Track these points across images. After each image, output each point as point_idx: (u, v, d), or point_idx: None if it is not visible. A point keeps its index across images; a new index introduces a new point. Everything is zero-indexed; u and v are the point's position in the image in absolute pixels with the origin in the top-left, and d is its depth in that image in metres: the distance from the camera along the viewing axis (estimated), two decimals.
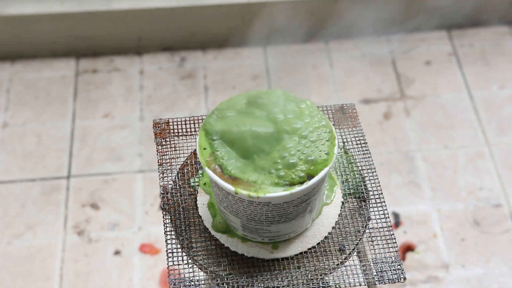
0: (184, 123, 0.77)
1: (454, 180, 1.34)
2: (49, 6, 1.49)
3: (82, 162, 1.37)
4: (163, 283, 1.20)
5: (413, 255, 1.24)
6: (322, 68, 1.53)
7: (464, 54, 1.56)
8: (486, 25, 1.62)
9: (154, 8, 1.49)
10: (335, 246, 0.68)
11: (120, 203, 1.31)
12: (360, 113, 1.41)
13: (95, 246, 1.25)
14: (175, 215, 0.70)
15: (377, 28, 1.58)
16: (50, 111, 1.45)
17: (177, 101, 1.47)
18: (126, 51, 1.56)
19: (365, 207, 0.71)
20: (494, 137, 1.41)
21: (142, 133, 1.42)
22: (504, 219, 1.28)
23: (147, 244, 1.25)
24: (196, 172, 0.73)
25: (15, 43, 1.53)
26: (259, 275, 0.66)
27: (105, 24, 1.51)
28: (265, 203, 0.61)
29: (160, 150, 0.75)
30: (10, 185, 1.33)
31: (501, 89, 1.49)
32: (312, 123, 0.63)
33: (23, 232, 1.27)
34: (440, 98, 1.48)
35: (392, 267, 0.67)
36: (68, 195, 1.32)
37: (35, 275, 1.21)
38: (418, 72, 1.52)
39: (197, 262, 0.67)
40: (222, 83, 1.50)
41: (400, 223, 1.28)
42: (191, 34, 1.55)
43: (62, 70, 1.53)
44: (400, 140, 1.40)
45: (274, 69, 1.53)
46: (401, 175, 1.35)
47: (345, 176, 0.73)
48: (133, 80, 1.51)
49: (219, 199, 0.65)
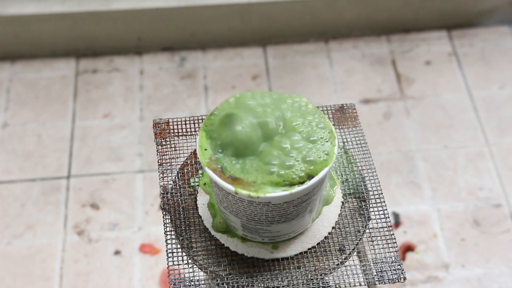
0: (184, 123, 0.77)
1: (454, 180, 1.34)
2: (49, 6, 1.49)
3: (82, 162, 1.37)
4: (163, 283, 1.20)
5: (413, 255, 1.24)
6: (322, 68, 1.53)
7: (464, 54, 1.56)
8: (486, 25, 1.62)
9: (154, 8, 1.49)
10: (335, 246, 0.68)
11: (120, 203, 1.31)
12: (360, 113, 1.41)
13: (95, 246, 1.25)
14: (175, 215, 0.70)
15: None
16: (50, 111, 1.45)
17: (177, 101, 1.47)
18: (126, 51, 1.56)
19: (365, 207, 0.71)
20: (494, 137, 1.41)
21: (142, 133, 1.42)
22: (504, 219, 1.28)
23: (147, 244, 1.25)
24: (196, 172, 0.73)
25: (15, 43, 1.53)
26: (259, 275, 0.66)
27: (105, 24, 1.51)
28: (265, 203, 0.61)
29: (160, 150, 0.75)
30: (10, 185, 1.33)
31: (501, 89, 1.49)
32: (312, 123, 0.63)
33: (23, 232, 1.27)
34: (440, 98, 1.48)
35: (392, 267, 0.67)
36: (68, 195, 1.32)
37: (35, 275, 1.21)
38: (418, 72, 1.52)
39: (197, 262, 0.67)
40: (222, 83, 1.50)
41: (400, 223, 1.28)
42: (191, 34, 1.55)
43: (62, 70, 1.53)
44: (400, 140, 1.40)
45: (274, 69, 1.53)
46: (401, 175, 1.35)
47: (345, 176, 0.73)
48: (133, 80, 1.51)
49: (219, 199, 0.65)
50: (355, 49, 1.57)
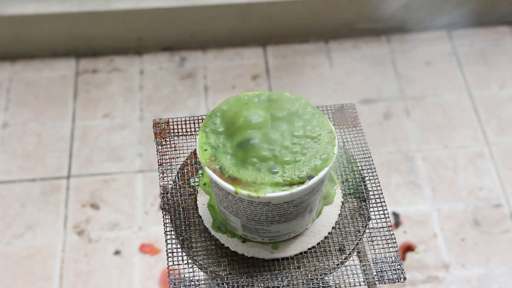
0: (184, 123, 0.77)
1: (454, 180, 1.34)
2: (49, 6, 1.49)
3: (82, 162, 1.37)
4: (163, 283, 1.20)
5: (413, 255, 1.24)
6: (322, 68, 1.53)
7: (464, 54, 1.56)
8: (486, 25, 1.62)
9: (154, 8, 1.49)
10: (335, 246, 0.68)
11: (120, 203, 1.31)
12: (360, 113, 1.41)
13: (95, 246, 1.25)
14: (175, 215, 0.70)
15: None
16: (50, 111, 1.45)
17: (177, 101, 1.47)
18: (126, 51, 1.56)
19: (365, 207, 0.71)
20: (494, 137, 1.41)
21: (142, 133, 1.42)
22: (504, 219, 1.28)
23: (147, 244, 1.25)
24: (196, 172, 0.73)
25: (15, 43, 1.53)
26: (259, 275, 0.66)
27: (105, 24, 1.51)
28: (265, 203, 0.61)
29: (160, 150, 0.75)
30: (10, 185, 1.33)
31: (501, 89, 1.49)
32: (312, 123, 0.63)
33: (23, 232, 1.27)
34: (440, 98, 1.48)
35: (392, 267, 0.67)
36: (68, 195, 1.32)
37: (35, 275, 1.21)
38: (418, 72, 1.52)
39: (197, 262, 0.67)
40: (222, 83, 1.50)
41: (400, 223, 1.28)
42: (191, 34, 1.55)
43: (62, 70, 1.53)
44: (400, 140, 1.40)
45: (274, 69, 1.53)
46: (401, 175, 1.35)
47: (345, 176, 0.73)
48: (133, 80, 1.51)
49: (219, 199, 0.65)
50: (355, 49, 1.57)
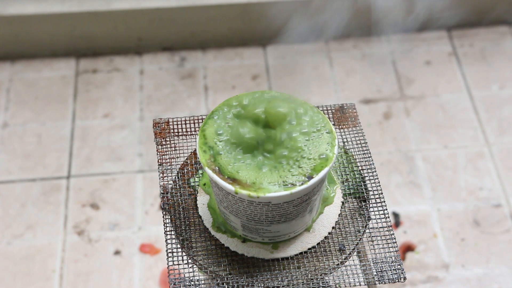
0: (184, 123, 0.77)
1: (454, 180, 1.34)
2: (49, 6, 1.49)
3: (82, 162, 1.37)
4: (163, 283, 1.20)
5: (413, 255, 1.24)
6: (322, 68, 1.53)
7: (464, 54, 1.56)
8: (486, 25, 1.62)
9: (154, 8, 1.49)
10: (335, 246, 0.68)
11: (120, 203, 1.31)
12: (360, 113, 1.41)
13: (95, 246, 1.25)
14: (175, 215, 0.70)
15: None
16: (50, 111, 1.45)
17: (177, 101, 1.47)
18: (126, 51, 1.56)
19: (365, 207, 0.71)
20: (494, 137, 1.41)
21: (142, 133, 1.42)
22: (504, 219, 1.28)
23: (147, 244, 1.25)
24: (196, 172, 0.73)
25: (15, 43, 1.53)
26: (259, 275, 0.66)
27: (105, 24, 1.51)
28: (265, 203, 0.61)
29: (160, 150, 0.75)
30: (10, 185, 1.33)
31: (501, 89, 1.49)
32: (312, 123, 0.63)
33: (23, 232, 1.27)
34: (440, 98, 1.48)
35: (392, 267, 0.67)
36: (68, 195, 1.32)
37: (35, 275, 1.21)
38: (418, 72, 1.52)
39: (197, 262, 0.67)
40: (222, 83, 1.50)
41: (400, 223, 1.28)
42: (191, 34, 1.55)
43: (62, 70, 1.53)
44: (400, 140, 1.40)
45: (274, 69, 1.53)
46: (401, 175, 1.35)
47: (345, 176, 0.73)
48: (133, 80, 1.51)
49: (219, 199, 0.65)
50: (355, 49, 1.57)
